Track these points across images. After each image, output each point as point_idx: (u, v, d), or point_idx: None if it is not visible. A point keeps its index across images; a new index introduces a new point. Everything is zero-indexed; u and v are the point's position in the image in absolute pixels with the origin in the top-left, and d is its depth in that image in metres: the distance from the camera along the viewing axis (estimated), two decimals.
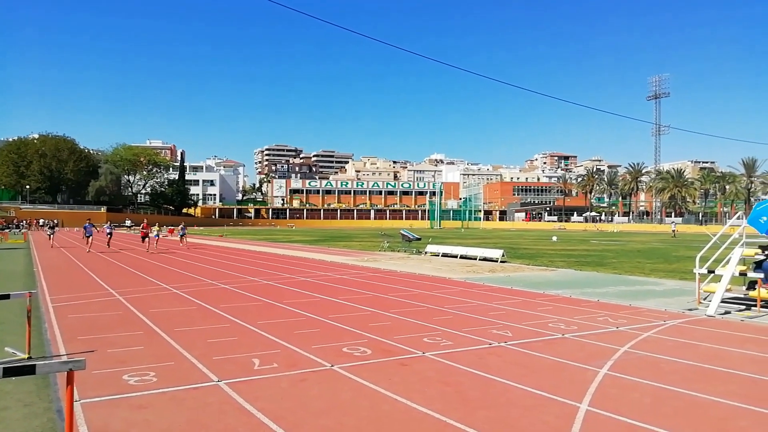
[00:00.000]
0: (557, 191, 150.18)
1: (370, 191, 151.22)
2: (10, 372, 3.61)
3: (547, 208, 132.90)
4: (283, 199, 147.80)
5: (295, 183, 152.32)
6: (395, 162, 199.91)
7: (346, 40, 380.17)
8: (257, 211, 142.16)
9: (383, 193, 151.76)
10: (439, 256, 26.16)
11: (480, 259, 23.46)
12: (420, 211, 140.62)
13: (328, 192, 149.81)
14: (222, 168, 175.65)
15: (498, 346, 7.60)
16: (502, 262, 22.36)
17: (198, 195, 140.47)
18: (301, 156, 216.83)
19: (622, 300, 12.03)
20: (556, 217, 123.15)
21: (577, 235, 66.38)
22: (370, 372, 6.22)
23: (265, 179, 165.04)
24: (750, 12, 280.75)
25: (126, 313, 10.02)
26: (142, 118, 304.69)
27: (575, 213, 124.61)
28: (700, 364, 6.78)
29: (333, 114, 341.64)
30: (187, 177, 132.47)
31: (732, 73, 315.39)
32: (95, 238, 29.01)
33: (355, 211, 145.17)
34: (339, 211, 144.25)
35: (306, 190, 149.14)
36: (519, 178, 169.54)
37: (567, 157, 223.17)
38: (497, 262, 22.38)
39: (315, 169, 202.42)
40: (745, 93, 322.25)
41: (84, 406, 4.97)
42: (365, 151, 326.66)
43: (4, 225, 60.64)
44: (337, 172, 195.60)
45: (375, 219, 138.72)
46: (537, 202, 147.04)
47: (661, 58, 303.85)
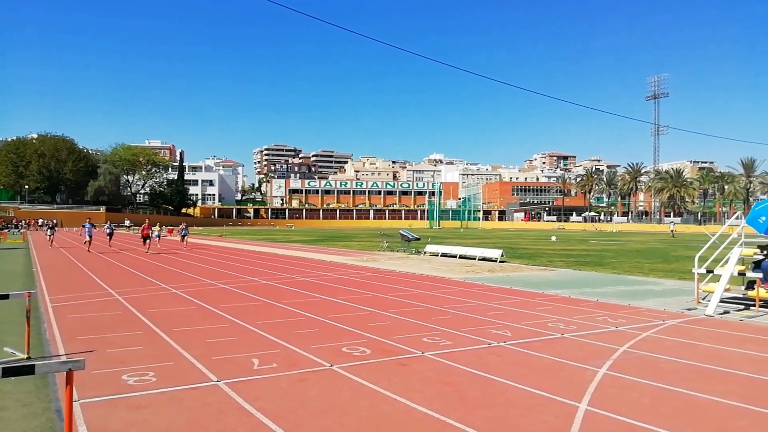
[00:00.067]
0: (556, 191, 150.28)
1: (369, 191, 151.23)
2: (10, 372, 3.61)
3: (546, 208, 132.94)
4: (282, 199, 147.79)
5: (295, 183, 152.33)
6: (394, 162, 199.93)
7: (346, 40, 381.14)
8: (256, 211, 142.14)
9: (382, 193, 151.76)
10: (438, 256, 26.17)
11: (479, 259, 23.47)
12: (419, 211, 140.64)
13: (327, 192, 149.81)
14: (221, 168, 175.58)
15: (497, 346, 7.60)
16: (501, 262, 22.36)
17: (197, 195, 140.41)
18: (300, 156, 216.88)
19: (621, 300, 12.04)
20: (555, 217, 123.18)
21: (576, 235, 66.41)
22: (370, 372, 6.22)
23: (264, 179, 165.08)
24: (750, 12, 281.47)
25: (125, 313, 10.02)
26: (142, 118, 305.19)
27: (574, 213, 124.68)
28: (699, 363, 6.78)
29: (333, 114, 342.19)
30: (186, 177, 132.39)
31: (731, 73, 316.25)
32: (95, 238, 29.00)
33: (354, 211, 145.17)
34: (338, 211, 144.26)
35: (305, 190, 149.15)
36: (518, 178, 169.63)
37: (566, 157, 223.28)
38: (496, 262, 22.39)
39: (314, 169, 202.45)
40: (745, 93, 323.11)
41: (83, 406, 4.97)
42: (364, 151, 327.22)
43: (3, 225, 60.57)
44: (336, 172, 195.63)
45: (374, 219, 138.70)
46: (536, 202, 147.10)
47: (660, 58, 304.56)
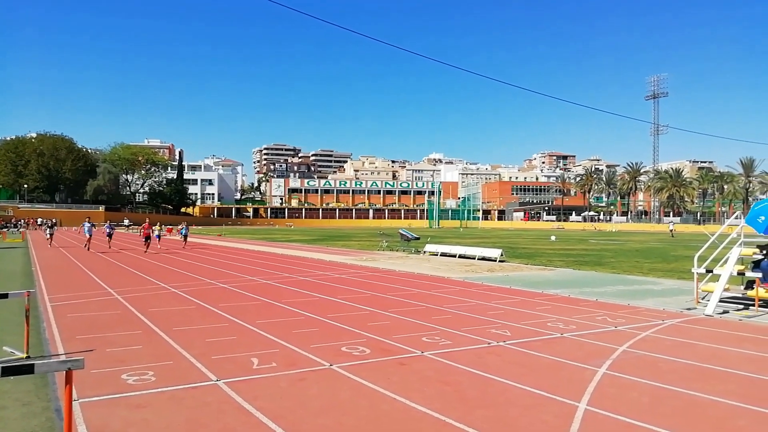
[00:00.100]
0: (556, 191, 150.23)
1: (368, 191, 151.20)
2: (9, 371, 3.60)
3: (546, 208, 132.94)
4: (281, 199, 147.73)
5: (294, 182, 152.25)
6: (394, 161, 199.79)
7: (346, 40, 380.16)
8: (256, 210, 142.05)
9: (382, 192, 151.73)
10: (437, 255, 26.17)
11: (479, 259, 23.48)
12: (418, 211, 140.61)
13: (327, 191, 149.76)
14: (220, 167, 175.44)
15: (497, 346, 7.61)
16: (500, 261, 22.37)
17: (196, 194, 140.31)
18: (299, 155, 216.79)
19: (621, 299, 12.05)
20: (554, 217, 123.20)
21: (575, 234, 66.44)
22: (369, 371, 6.22)
23: (264, 178, 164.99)
24: (750, 12, 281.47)
25: (125, 313, 10.01)
26: (141, 117, 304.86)
27: (574, 212, 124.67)
28: (699, 363, 6.79)
29: (332, 114, 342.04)
30: (186, 176, 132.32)
31: (730, 73, 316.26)
32: (95, 238, 28.98)
33: (354, 210, 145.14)
34: (337, 210, 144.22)
35: (304, 190, 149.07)
36: (517, 178, 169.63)
37: (565, 157, 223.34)
38: (496, 261, 22.39)
39: (313, 168, 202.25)
40: (744, 93, 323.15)
41: (83, 406, 4.97)
42: (364, 150, 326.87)
43: (2, 224, 60.54)
44: (335, 172, 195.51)
45: (373, 218, 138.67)
46: (535, 201, 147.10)
47: (660, 58, 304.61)
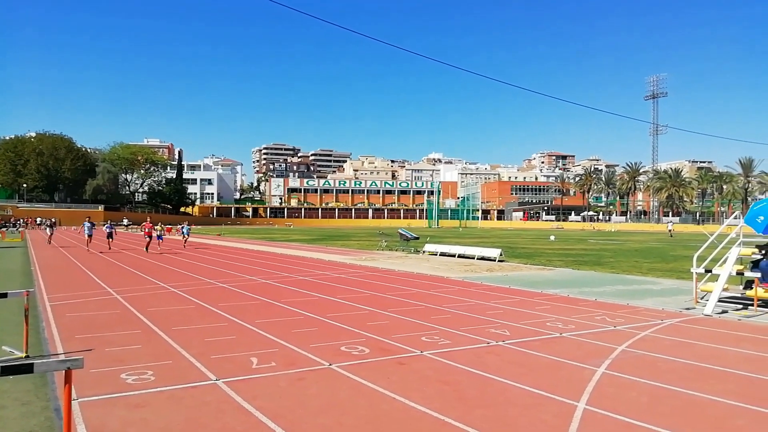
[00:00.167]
0: (555, 191, 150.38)
1: (368, 190, 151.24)
2: (8, 371, 3.60)
3: (545, 208, 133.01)
4: (280, 198, 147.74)
5: (293, 182, 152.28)
6: (393, 161, 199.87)
7: (346, 40, 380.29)
8: (255, 210, 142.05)
9: (381, 192, 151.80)
10: (437, 255, 26.18)
11: (478, 258, 23.48)
12: (418, 211, 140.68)
13: (326, 191, 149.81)
14: (220, 167, 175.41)
15: (496, 345, 7.61)
16: (500, 261, 22.38)
17: (196, 194, 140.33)
18: (299, 155, 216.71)
19: (620, 299, 12.05)
20: (553, 217, 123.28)
21: (574, 234, 66.48)
22: (369, 371, 6.22)
23: (263, 178, 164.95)
24: (750, 12, 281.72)
25: (124, 312, 10.01)
26: (141, 117, 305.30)
27: (573, 212, 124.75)
28: (698, 363, 6.80)
29: (332, 113, 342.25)
30: (185, 176, 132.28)
31: (730, 73, 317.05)
32: (94, 237, 28.94)
33: (353, 210, 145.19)
34: (337, 210, 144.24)
35: (304, 189, 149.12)
36: (517, 178, 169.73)
37: (565, 157, 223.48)
38: (495, 261, 22.40)
39: (313, 168, 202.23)
40: (743, 93, 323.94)
41: (82, 405, 4.97)
42: (363, 150, 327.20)
43: (1, 224, 60.48)
44: (335, 171, 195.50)
45: (373, 218, 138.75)
46: (535, 201, 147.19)
47: (660, 58, 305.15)
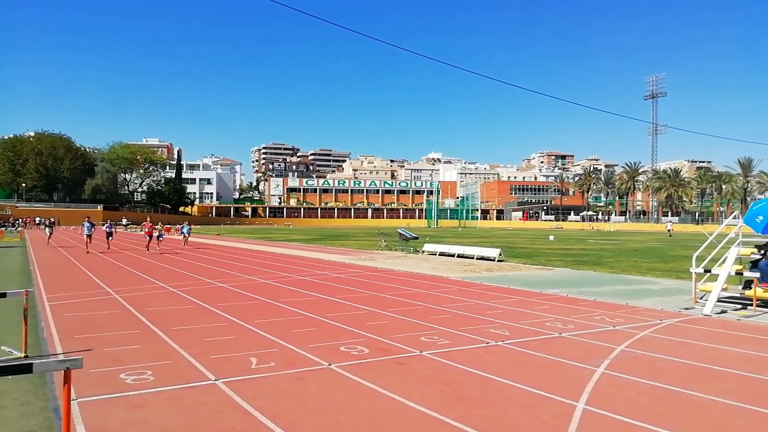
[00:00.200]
0: (554, 190, 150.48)
1: (367, 190, 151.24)
2: (7, 371, 3.60)
3: (544, 208, 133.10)
4: (280, 198, 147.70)
5: (293, 182, 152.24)
6: (393, 161, 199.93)
7: (346, 40, 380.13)
8: (254, 209, 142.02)
9: (380, 191, 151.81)
10: (436, 255, 26.18)
11: (477, 258, 23.49)
12: (417, 210, 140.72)
13: (326, 191, 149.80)
14: (219, 166, 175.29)
15: (495, 345, 7.61)
16: (499, 261, 22.38)
17: (195, 193, 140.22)
18: (298, 155, 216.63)
19: (619, 299, 12.06)
20: (553, 217, 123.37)
21: (573, 234, 66.51)
22: (368, 371, 6.22)
23: (262, 178, 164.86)
24: (750, 12, 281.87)
25: (123, 312, 10.00)
26: (140, 117, 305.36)
27: (572, 212, 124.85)
28: (697, 363, 6.80)
29: (331, 113, 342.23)
30: (184, 175, 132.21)
31: (729, 73, 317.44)
32: (95, 237, 28.91)
33: (353, 209, 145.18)
34: (336, 209, 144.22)
35: (303, 189, 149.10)
36: (516, 177, 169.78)
37: (564, 157, 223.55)
38: (494, 261, 22.40)
39: (312, 167, 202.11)
40: (743, 93, 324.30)
41: (81, 405, 4.96)
42: (363, 149, 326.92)
43: (0, 223, 60.41)
44: (334, 171, 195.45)
45: (372, 218, 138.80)
46: (534, 201, 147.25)
47: (660, 58, 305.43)
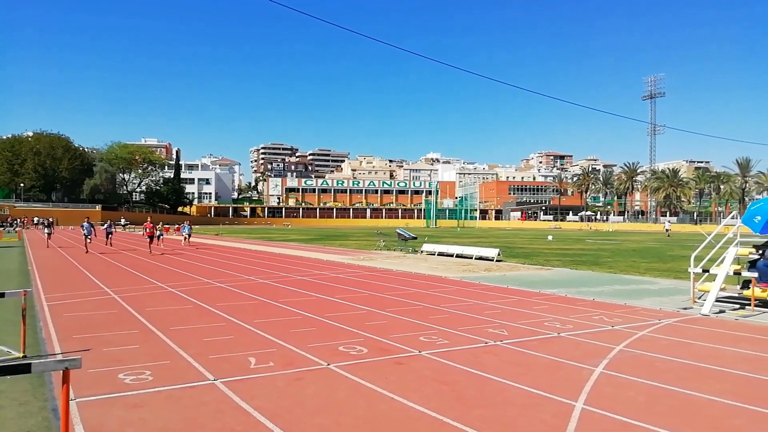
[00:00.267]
0: (553, 190, 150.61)
1: (366, 190, 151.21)
2: (6, 371, 3.59)
3: (543, 208, 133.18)
4: (278, 198, 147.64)
5: (291, 182, 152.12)
6: (391, 161, 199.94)
7: (346, 40, 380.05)
8: (253, 209, 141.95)
9: (379, 192, 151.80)
10: (435, 255, 26.19)
11: (476, 258, 23.50)
12: (416, 210, 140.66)
13: (324, 191, 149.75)
14: (217, 166, 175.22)
15: (494, 345, 7.62)
16: (497, 261, 22.39)
17: (193, 193, 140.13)
18: (297, 155, 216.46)
19: (618, 299, 12.07)
20: (551, 217, 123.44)
21: (572, 234, 66.56)
22: (367, 371, 6.22)
23: (261, 178, 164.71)
24: (750, 12, 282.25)
25: (121, 312, 9.99)
26: (139, 117, 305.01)
27: (571, 212, 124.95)
28: (695, 362, 6.81)
29: (330, 113, 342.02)
30: (183, 175, 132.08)
31: (728, 74, 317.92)
32: (94, 238, 28.87)
33: (351, 210, 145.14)
34: (335, 209, 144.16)
35: (302, 189, 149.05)
36: (515, 178, 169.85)
37: (562, 157, 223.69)
38: (493, 261, 22.41)
39: (311, 167, 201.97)
40: (741, 93, 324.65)
41: (79, 405, 4.96)
42: (361, 149, 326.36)
43: None
44: (333, 171, 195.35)
45: (371, 218, 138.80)
46: (532, 201, 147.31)
47: (659, 58, 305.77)
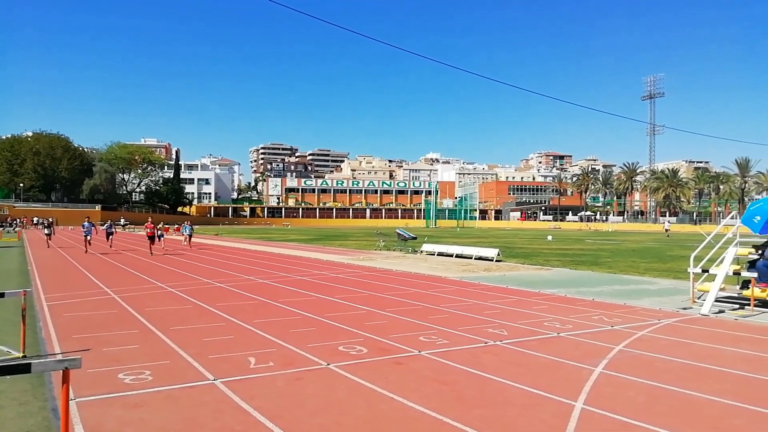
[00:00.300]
0: (552, 191, 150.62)
1: (365, 190, 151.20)
2: (5, 371, 3.59)
3: (542, 208, 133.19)
4: (278, 198, 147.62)
5: (291, 182, 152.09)
6: (391, 161, 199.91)
7: (346, 40, 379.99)
8: (252, 209, 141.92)
9: (379, 192, 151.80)
10: (434, 255, 26.19)
11: (475, 258, 23.50)
12: (416, 210, 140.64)
13: (324, 191, 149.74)
14: (217, 167, 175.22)
15: (494, 345, 7.62)
16: (497, 261, 22.39)
17: (193, 194, 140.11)
18: (296, 155, 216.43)
19: (617, 299, 12.08)
20: (551, 217, 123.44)
21: (571, 234, 66.58)
22: (366, 371, 6.22)
23: (261, 178, 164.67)
24: (750, 12, 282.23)
25: (121, 312, 9.99)
26: (139, 117, 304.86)
27: (570, 212, 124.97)
28: (695, 362, 6.81)
29: (330, 113, 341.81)
30: (182, 175, 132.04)
31: (727, 74, 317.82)
32: (94, 238, 28.85)
33: (351, 210, 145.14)
34: (335, 210, 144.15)
35: (301, 189, 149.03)
36: (514, 178, 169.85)
37: (562, 157, 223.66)
38: (493, 261, 22.42)
39: (310, 168, 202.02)
40: (741, 93, 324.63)
41: (79, 405, 4.96)
42: (361, 150, 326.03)
43: None
44: (332, 171, 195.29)
45: (371, 218, 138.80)
46: (532, 201, 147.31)
47: (659, 58, 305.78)
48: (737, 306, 11.22)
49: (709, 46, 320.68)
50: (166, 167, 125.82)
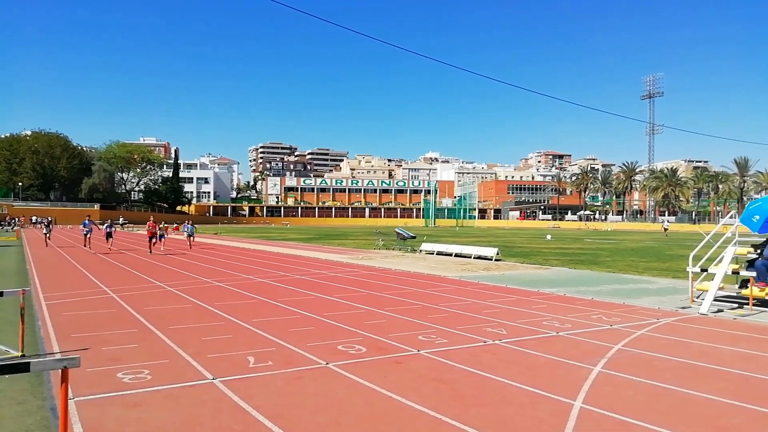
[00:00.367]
0: (551, 190, 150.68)
1: (365, 189, 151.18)
2: (4, 370, 3.59)
3: (542, 207, 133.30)
4: (277, 197, 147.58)
5: (290, 181, 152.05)
6: (390, 160, 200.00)
7: (346, 39, 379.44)
8: (251, 209, 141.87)
9: (378, 191, 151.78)
10: (433, 254, 26.20)
11: (475, 258, 23.50)
12: (415, 210, 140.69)
13: (323, 190, 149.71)
14: (216, 166, 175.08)
15: (493, 344, 7.62)
16: (496, 260, 22.40)
17: (192, 193, 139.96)
18: (295, 154, 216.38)
19: (616, 298, 12.09)
20: (550, 216, 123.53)
21: (571, 233, 66.62)
22: (366, 370, 6.23)
23: (260, 177, 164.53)
24: (750, 12, 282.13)
25: (120, 311, 9.98)
26: (138, 116, 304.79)
27: (569, 212, 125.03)
28: (693, 361, 6.82)
29: (329, 113, 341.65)
30: (181, 175, 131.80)
31: (726, 73, 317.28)
32: (94, 237, 28.82)
33: (350, 209, 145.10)
34: (334, 209, 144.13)
35: (301, 188, 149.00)
36: (513, 177, 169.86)
37: (561, 156, 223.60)
38: (492, 260, 22.42)
39: (310, 167, 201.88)
40: (740, 93, 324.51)
41: (78, 404, 4.95)
42: (360, 149, 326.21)
43: None
44: (332, 170, 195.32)
45: (370, 217, 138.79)
46: (531, 200, 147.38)
47: (659, 58, 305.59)
48: (736, 305, 11.23)
49: (708, 45, 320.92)
50: (165, 166, 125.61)
